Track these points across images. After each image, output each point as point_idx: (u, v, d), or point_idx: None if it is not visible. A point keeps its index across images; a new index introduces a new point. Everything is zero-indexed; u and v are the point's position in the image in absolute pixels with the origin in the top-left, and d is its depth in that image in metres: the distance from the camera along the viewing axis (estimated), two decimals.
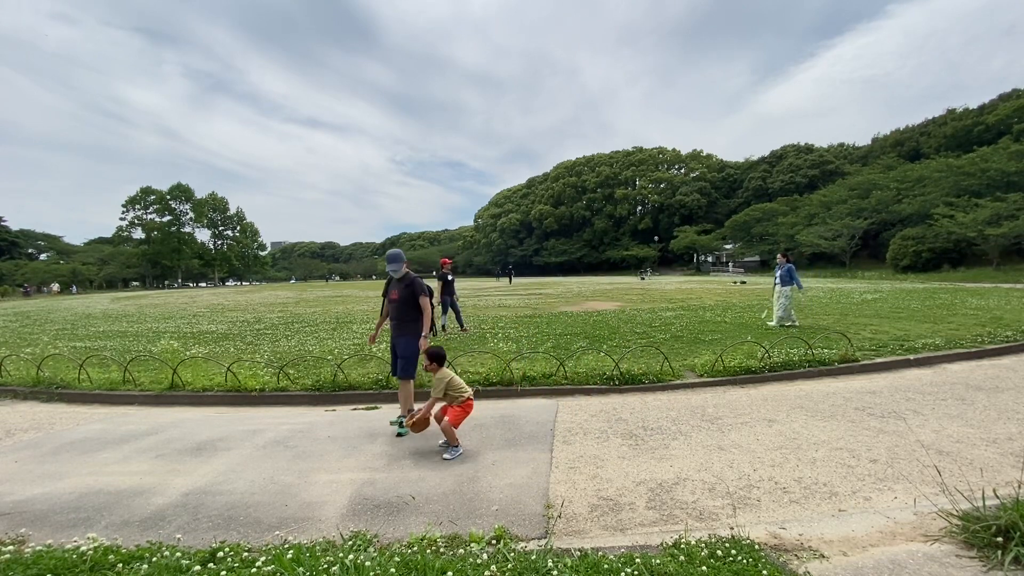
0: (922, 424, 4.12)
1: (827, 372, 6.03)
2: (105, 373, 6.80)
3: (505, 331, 10.04)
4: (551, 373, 5.92)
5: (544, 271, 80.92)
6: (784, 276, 9.64)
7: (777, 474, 3.27)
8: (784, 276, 9.64)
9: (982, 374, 5.81)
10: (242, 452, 3.98)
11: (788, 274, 9.62)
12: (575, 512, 2.87)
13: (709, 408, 4.84)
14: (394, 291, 4.49)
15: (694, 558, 2.20)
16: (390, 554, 2.31)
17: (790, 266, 9.78)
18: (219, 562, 2.25)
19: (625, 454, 3.72)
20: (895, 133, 59.34)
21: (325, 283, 72.60)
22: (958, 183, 34.74)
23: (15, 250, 67.58)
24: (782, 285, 9.60)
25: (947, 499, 2.61)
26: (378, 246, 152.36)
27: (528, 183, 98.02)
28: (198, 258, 78.50)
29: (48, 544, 2.51)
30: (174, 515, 2.93)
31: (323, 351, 8.20)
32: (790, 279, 9.59)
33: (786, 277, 9.62)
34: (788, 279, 9.58)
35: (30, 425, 5.01)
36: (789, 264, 9.85)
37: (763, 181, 66.31)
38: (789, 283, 9.57)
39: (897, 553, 2.29)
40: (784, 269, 9.74)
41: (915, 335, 7.81)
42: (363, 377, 6.07)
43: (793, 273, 9.68)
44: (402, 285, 4.47)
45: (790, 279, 9.59)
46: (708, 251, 64.12)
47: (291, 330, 11.47)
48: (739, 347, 7.09)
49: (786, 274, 9.64)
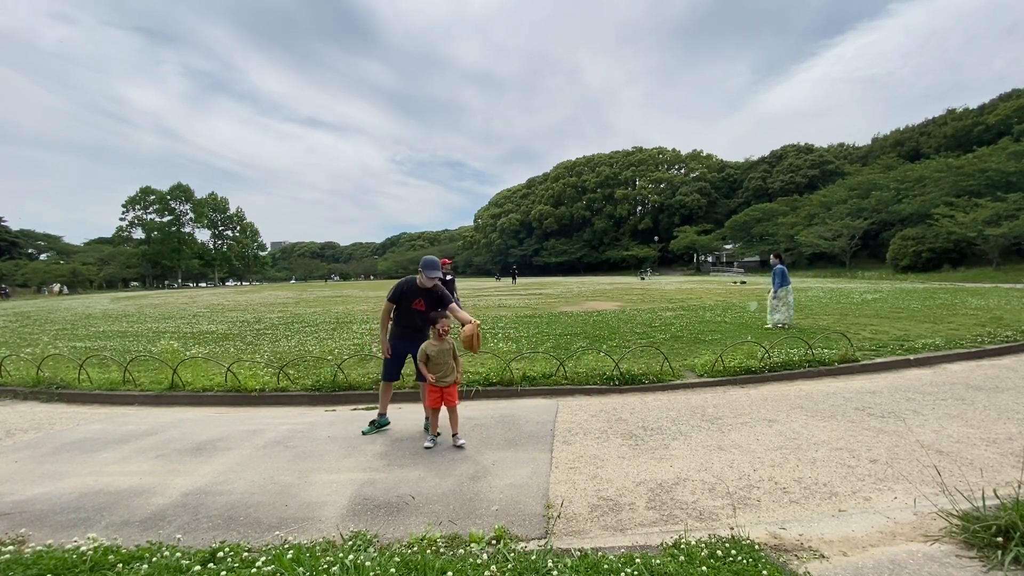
0: (922, 424, 4.12)
1: (827, 372, 6.03)
2: (105, 373, 6.80)
3: (505, 331, 10.04)
4: (551, 373, 5.92)
5: (544, 271, 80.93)
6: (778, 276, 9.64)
7: (777, 474, 3.27)
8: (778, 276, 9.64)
9: (982, 374, 5.81)
10: (242, 452, 3.98)
11: (776, 275, 9.61)
12: (575, 512, 2.87)
13: (709, 408, 4.84)
14: (419, 300, 4.23)
15: (694, 558, 2.19)
16: (390, 554, 2.31)
17: (780, 267, 9.73)
18: (219, 562, 2.25)
19: (625, 454, 3.72)
20: (895, 133, 59.41)
21: (324, 283, 72.68)
22: (958, 183, 34.76)
23: (15, 250, 67.58)
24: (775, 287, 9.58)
25: (947, 499, 2.61)
26: (378, 246, 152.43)
27: (528, 183, 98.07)
28: (198, 258, 78.55)
29: (48, 544, 2.51)
30: (174, 515, 2.93)
31: (323, 351, 8.19)
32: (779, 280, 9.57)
33: (774, 278, 9.64)
34: (779, 280, 9.58)
35: (30, 425, 5.01)
36: (780, 265, 9.81)
37: (763, 181, 66.34)
38: (781, 285, 9.53)
39: (897, 553, 2.29)
40: (775, 270, 9.74)
41: (915, 335, 7.81)
42: (363, 377, 6.07)
43: (778, 275, 9.60)
44: (434, 296, 4.23)
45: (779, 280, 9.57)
46: (708, 251, 64.16)
47: (291, 330, 11.47)
48: (739, 347, 7.09)
49: (775, 275, 9.65)
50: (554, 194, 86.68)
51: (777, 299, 9.46)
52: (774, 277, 9.64)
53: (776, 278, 9.58)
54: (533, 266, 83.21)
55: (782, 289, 9.44)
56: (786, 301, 9.42)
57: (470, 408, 5.12)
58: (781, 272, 9.58)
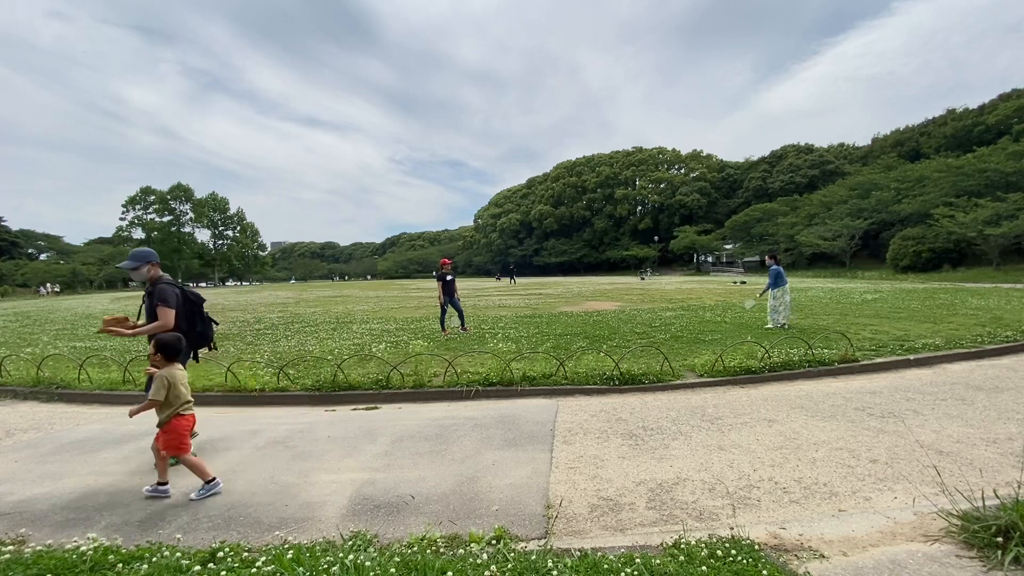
0: (922, 424, 4.12)
1: (827, 372, 6.03)
2: (105, 373, 6.80)
3: (505, 331, 10.04)
4: (551, 373, 5.92)
5: (544, 271, 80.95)
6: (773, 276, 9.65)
7: (777, 474, 3.27)
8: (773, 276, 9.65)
9: (982, 374, 5.80)
10: (242, 452, 3.98)
11: (772, 276, 9.61)
12: (575, 512, 2.87)
13: (709, 408, 4.84)
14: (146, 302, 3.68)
15: (694, 558, 2.19)
16: (390, 554, 2.31)
17: (776, 268, 9.73)
18: (219, 562, 2.25)
19: (625, 454, 3.72)
20: (895, 133, 59.45)
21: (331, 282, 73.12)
22: (958, 183, 34.75)
23: (15, 250, 67.58)
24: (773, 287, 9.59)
25: (947, 499, 2.61)
26: (378, 246, 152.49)
27: (528, 183, 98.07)
28: (198, 258, 78.52)
29: (48, 544, 2.51)
30: (174, 515, 2.93)
31: (323, 351, 8.19)
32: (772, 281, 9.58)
33: (770, 279, 9.64)
34: (772, 281, 9.58)
35: (30, 425, 5.01)
36: (775, 266, 9.81)
37: (763, 181, 66.34)
38: (777, 285, 9.54)
39: (897, 553, 2.29)
40: (771, 271, 9.74)
41: (915, 335, 7.81)
42: (363, 377, 6.07)
43: (772, 275, 9.61)
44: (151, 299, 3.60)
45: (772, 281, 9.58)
46: (708, 251, 64.17)
47: (291, 330, 11.47)
48: (739, 347, 7.09)
49: (771, 276, 9.65)
50: (554, 194, 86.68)
51: (775, 299, 9.47)
52: (770, 277, 9.66)
53: (771, 278, 9.60)
54: (533, 266, 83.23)
55: (778, 289, 9.43)
56: (783, 301, 9.42)
57: (470, 408, 5.12)
58: (776, 273, 9.59)
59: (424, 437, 4.17)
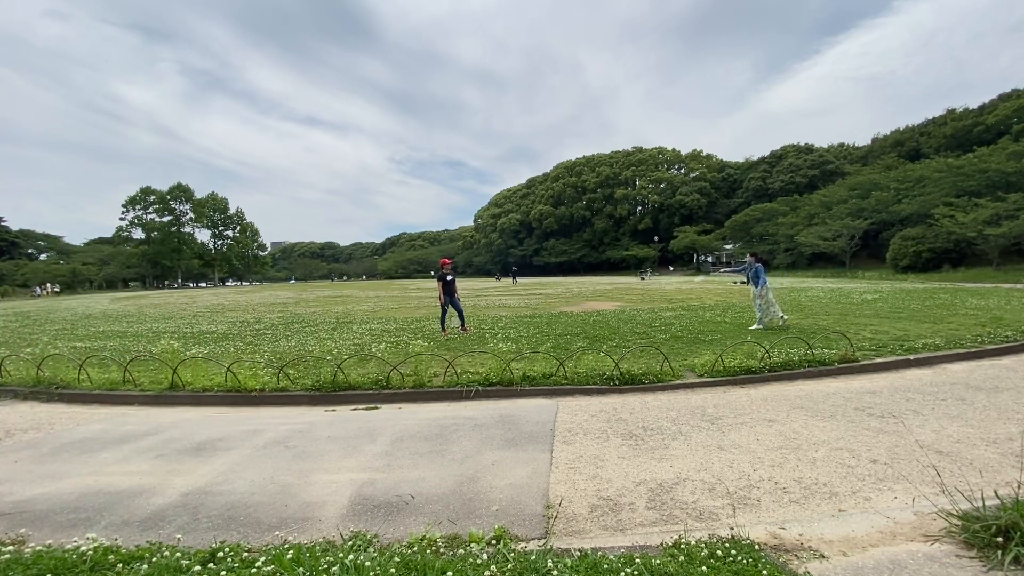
0: (922, 424, 4.12)
1: (827, 372, 6.03)
2: (105, 373, 6.80)
3: (505, 331, 10.04)
4: (551, 373, 5.92)
5: (544, 271, 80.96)
6: (752, 276, 9.62)
7: (777, 474, 3.27)
8: (752, 276, 9.62)
9: (982, 374, 5.80)
10: (242, 452, 3.98)
11: (756, 274, 9.59)
12: (575, 512, 2.87)
13: (709, 408, 4.84)
14: None
15: (694, 558, 2.20)
16: (390, 554, 2.31)
17: (758, 266, 9.69)
18: (219, 562, 2.25)
19: (625, 454, 3.72)
20: (895, 133, 59.45)
21: (331, 282, 73.33)
22: (958, 183, 34.77)
23: (15, 250, 67.58)
24: (754, 286, 9.57)
25: (947, 499, 2.61)
26: (378, 246, 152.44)
27: (528, 183, 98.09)
28: (198, 258, 78.55)
29: (48, 544, 2.51)
30: (174, 515, 2.93)
31: (323, 351, 8.19)
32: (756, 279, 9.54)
33: (754, 277, 9.61)
34: (756, 279, 9.55)
35: (30, 425, 5.01)
36: (757, 264, 9.77)
37: (763, 181, 66.37)
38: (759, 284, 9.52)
39: (897, 553, 2.29)
40: (752, 270, 9.70)
41: (915, 335, 7.81)
42: (363, 377, 6.07)
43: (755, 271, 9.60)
44: None
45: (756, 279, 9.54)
46: (708, 251, 64.16)
47: (291, 330, 11.47)
48: (739, 347, 7.09)
49: (754, 275, 9.61)
50: (554, 194, 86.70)
51: (761, 298, 9.44)
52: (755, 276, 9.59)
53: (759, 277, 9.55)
54: (533, 266, 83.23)
55: (762, 289, 9.41)
56: (767, 300, 9.40)
57: (470, 408, 5.12)
58: (756, 271, 9.56)
59: (424, 437, 4.17)
